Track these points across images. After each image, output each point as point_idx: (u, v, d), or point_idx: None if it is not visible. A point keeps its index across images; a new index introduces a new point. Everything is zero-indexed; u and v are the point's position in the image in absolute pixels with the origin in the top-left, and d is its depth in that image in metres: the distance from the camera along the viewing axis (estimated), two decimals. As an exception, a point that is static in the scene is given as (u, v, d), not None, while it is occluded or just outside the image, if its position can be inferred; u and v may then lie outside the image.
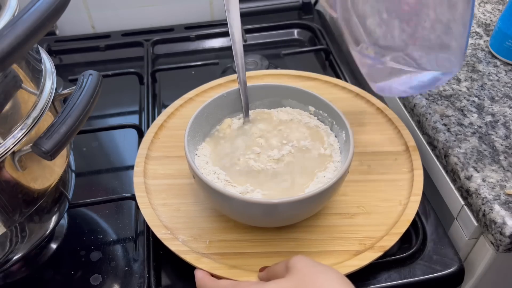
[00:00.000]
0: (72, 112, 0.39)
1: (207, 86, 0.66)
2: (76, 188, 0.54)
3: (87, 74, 0.43)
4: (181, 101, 0.64)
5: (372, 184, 0.54)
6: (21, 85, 0.39)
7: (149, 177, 0.55)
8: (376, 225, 0.50)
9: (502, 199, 0.47)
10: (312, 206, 0.46)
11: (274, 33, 0.86)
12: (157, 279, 0.49)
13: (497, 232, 0.46)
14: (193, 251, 0.47)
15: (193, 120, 0.51)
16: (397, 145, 0.58)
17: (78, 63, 0.82)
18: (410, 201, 0.51)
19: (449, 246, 0.50)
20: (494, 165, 0.50)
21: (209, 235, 0.50)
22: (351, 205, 0.52)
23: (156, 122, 0.61)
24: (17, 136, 0.38)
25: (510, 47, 0.62)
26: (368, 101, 0.63)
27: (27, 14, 0.33)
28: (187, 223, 0.51)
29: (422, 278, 0.48)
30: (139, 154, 0.57)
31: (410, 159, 0.55)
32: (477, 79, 0.61)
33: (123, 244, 0.54)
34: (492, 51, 0.65)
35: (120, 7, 0.86)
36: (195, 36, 0.84)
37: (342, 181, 0.46)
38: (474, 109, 0.57)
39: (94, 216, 0.57)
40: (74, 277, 0.50)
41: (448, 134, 0.54)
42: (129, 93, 0.74)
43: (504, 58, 0.63)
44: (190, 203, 0.53)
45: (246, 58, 0.77)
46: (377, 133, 0.60)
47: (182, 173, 0.55)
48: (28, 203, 0.43)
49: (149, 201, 0.52)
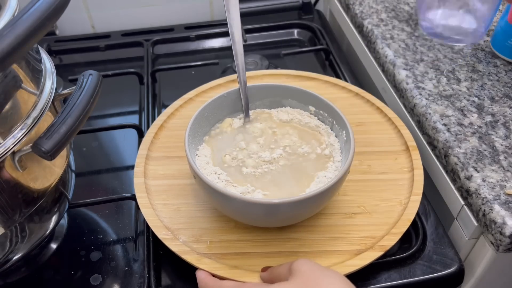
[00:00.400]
0: (72, 112, 0.39)
1: (207, 86, 0.66)
2: (76, 188, 0.54)
3: (87, 74, 0.43)
4: (181, 101, 0.64)
5: (373, 184, 0.54)
6: (21, 85, 0.39)
7: (149, 177, 0.55)
8: (376, 225, 0.50)
9: (502, 199, 0.47)
10: (313, 206, 0.46)
11: (274, 33, 0.86)
12: (157, 279, 0.49)
13: (497, 232, 0.46)
14: (194, 251, 0.47)
15: (193, 120, 0.51)
16: (397, 145, 0.58)
17: (78, 63, 0.82)
18: (411, 200, 0.51)
19: (449, 246, 0.50)
20: (494, 165, 0.50)
21: (210, 235, 0.49)
22: (352, 205, 0.52)
23: (156, 123, 0.61)
24: (17, 136, 0.38)
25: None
26: (368, 100, 0.63)
27: (27, 14, 0.33)
28: (187, 224, 0.51)
29: (422, 278, 0.48)
30: (139, 155, 0.57)
31: (410, 158, 0.55)
32: (477, 79, 0.61)
33: (123, 244, 0.54)
34: (494, 50, 0.65)
35: (120, 7, 0.86)
36: (195, 36, 0.84)
37: (342, 181, 0.46)
38: (474, 109, 0.57)
39: (94, 216, 0.57)
40: (74, 277, 0.50)
41: (448, 134, 0.54)
42: (129, 93, 0.74)
43: (505, 57, 0.63)
44: (191, 204, 0.53)
45: (246, 58, 0.77)
46: (377, 132, 0.60)
47: (183, 174, 0.55)
48: (28, 203, 0.43)
49: (149, 202, 0.52)
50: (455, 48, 0.66)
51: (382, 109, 0.62)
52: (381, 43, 0.68)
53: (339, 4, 0.84)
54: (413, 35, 0.69)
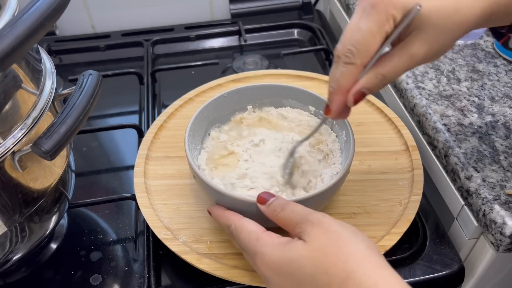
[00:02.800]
0: (72, 112, 0.39)
1: (206, 87, 0.66)
2: (76, 188, 0.54)
3: (87, 74, 0.43)
4: (180, 101, 0.64)
5: (373, 184, 0.54)
6: (21, 85, 0.39)
7: (149, 177, 0.55)
8: (377, 225, 0.50)
9: (502, 199, 0.47)
10: (313, 206, 0.46)
11: (274, 33, 0.86)
12: (157, 279, 0.49)
13: (497, 232, 0.46)
14: (194, 251, 0.47)
15: (193, 120, 0.51)
16: (397, 145, 0.58)
17: (78, 63, 0.82)
18: (411, 200, 0.51)
19: (449, 246, 0.50)
20: (494, 165, 0.50)
21: (210, 235, 0.49)
22: (352, 205, 0.52)
23: (156, 123, 0.61)
24: (17, 136, 0.38)
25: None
26: (368, 100, 0.63)
27: (27, 14, 0.33)
28: (187, 224, 0.50)
29: (422, 278, 0.48)
30: (139, 155, 0.57)
31: (411, 158, 0.55)
32: (477, 79, 0.61)
33: (123, 244, 0.54)
34: (496, 49, 0.65)
35: (120, 7, 0.86)
36: (195, 36, 0.84)
37: (342, 181, 0.46)
38: (474, 109, 0.57)
39: (94, 216, 0.57)
40: (74, 277, 0.50)
41: (448, 134, 0.54)
42: (129, 93, 0.74)
43: (508, 57, 0.64)
44: (191, 204, 0.52)
45: (246, 58, 0.78)
46: (377, 132, 0.60)
47: (182, 174, 0.55)
48: (28, 203, 0.43)
49: (149, 202, 0.52)
50: (455, 48, 0.66)
51: (382, 109, 0.62)
52: (381, 43, 0.68)
53: (339, 4, 0.84)
54: (413, 35, 0.69)
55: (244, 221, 0.41)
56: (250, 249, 0.38)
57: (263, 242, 0.38)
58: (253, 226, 0.40)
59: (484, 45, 0.67)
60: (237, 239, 0.41)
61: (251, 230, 0.39)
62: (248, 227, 0.40)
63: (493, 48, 0.66)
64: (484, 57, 0.65)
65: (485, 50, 0.66)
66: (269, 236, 0.38)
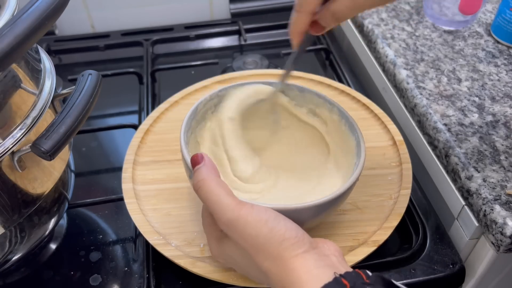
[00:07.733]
0: (72, 112, 0.39)
1: (192, 89, 0.64)
2: (75, 188, 0.54)
3: (86, 74, 0.43)
4: (166, 104, 0.62)
5: (362, 180, 0.53)
6: (20, 85, 0.39)
7: (138, 182, 0.54)
8: (368, 220, 0.50)
9: (503, 199, 0.47)
10: (313, 220, 0.43)
11: (274, 33, 0.86)
12: (157, 279, 0.49)
13: (497, 233, 0.46)
14: (187, 255, 0.47)
15: (185, 122, 0.49)
16: (384, 140, 0.58)
17: (78, 62, 0.82)
18: (401, 194, 0.51)
19: (449, 246, 0.50)
20: (494, 165, 0.50)
21: (203, 239, 0.48)
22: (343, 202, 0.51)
23: (142, 127, 0.59)
24: (16, 136, 0.38)
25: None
26: (353, 97, 0.63)
27: (27, 14, 0.33)
28: (179, 228, 0.50)
29: (422, 279, 0.48)
30: (126, 160, 0.55)
31: (398, 153, 0.56)
32: (478, 79, 0.61)
33: (122, 245, 0.54)
34: (494, 36, 0.66)
35: (120, 7, 0.86)
36: (195, 35, 0.84)
37: (350, 191, 0.44)
38: (474, 109, 0.57)
39: (94, 216, 0.57)
40: (74, 277, 0.50)
41: (449, 134, 0.54)
42: (128, 93, 0.74)
43: (507, 43, 0.65)
44: (181, 208, 0.52)
45: (246, 58, 0.77)
46: (364, 128, 0.58)
47: (172, 178, 0.54)
48: (27, 204, 0.43)
49: (139, 207, 0.50)
50: (455, 48, 0.66)
51: (368, 106, 0.62)
52: (381, 43, 0.68)
53: (339, 4, 0.84)
54: (414, 34, 0.69)
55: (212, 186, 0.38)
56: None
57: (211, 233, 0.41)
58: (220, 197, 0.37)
59: (484, 45, 0.67)
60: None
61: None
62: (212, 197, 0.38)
63: (493, 48, 0.66)
64: (485, 57, 0.65)
65: (486, 50, 0.66)
66: (215, 228, 0.40)
